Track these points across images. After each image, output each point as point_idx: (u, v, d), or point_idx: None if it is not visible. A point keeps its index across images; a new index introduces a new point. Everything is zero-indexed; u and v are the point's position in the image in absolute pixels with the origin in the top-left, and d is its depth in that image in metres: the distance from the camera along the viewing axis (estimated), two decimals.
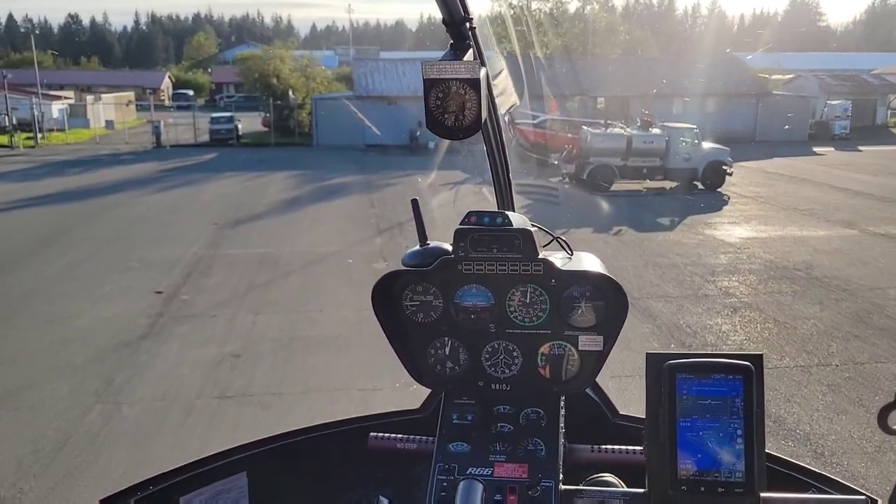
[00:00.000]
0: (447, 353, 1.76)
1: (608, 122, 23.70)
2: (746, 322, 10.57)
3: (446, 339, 1.76)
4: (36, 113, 35.11)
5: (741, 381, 1.31)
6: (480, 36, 1.48)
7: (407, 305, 1.78)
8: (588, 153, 22.67)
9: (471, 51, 1.40)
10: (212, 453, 1.73)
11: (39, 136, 35.49)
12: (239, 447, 1.77)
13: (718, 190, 22.75)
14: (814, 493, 1.53)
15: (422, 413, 1.90)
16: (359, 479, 1.84)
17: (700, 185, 23.15)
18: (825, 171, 27.63)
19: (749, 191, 22.92)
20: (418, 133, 35.44)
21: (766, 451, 1.35)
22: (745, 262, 14.17)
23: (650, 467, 1.36)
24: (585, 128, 23.66)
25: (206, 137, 37.68)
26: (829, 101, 40.42)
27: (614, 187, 22.70)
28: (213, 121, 37.83)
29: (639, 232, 16.94)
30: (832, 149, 35.62)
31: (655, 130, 23.12)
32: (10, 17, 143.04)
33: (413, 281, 1.76)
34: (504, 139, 1.86)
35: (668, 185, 23.66)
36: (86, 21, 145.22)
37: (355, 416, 1.91)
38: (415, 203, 1.96)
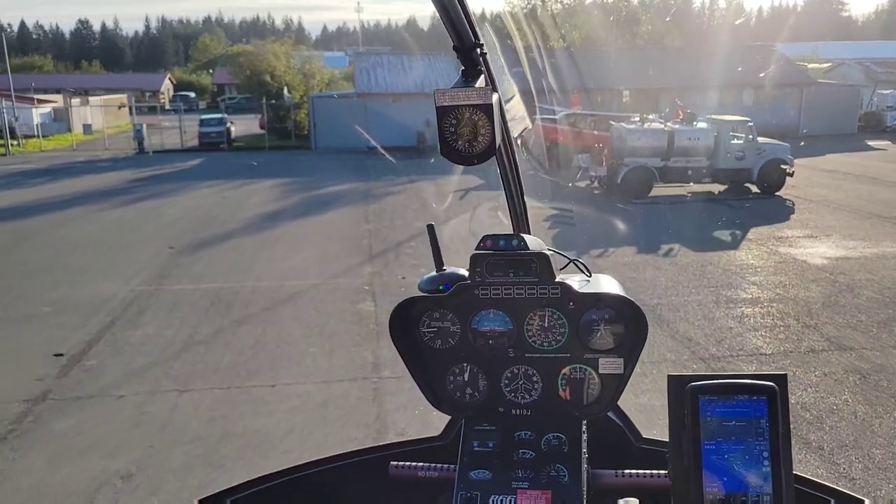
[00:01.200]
0: (466, 379, 1.72)
1: (644, 115, 20.26)
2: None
3: (465, 364, 1.72)
4: (7, 118, 32.18)
5: (765, 401, 1.27)
6: (491, 61, 1.44)
7: (424, 332, 1.72)
8: (622, 153, 19.27)
9: (482, 76, 1.34)
10: (227, 487, 1.67)
11: (13, 143, 32.58)
12: (259, 479, 1.71)
13: (777, 194, 19.28)
14: None
15: (442, 440, 1.84)
16: None
17: (754, 189, 19.70)
18: (893, 169, 24.02)
19: (814, 194, 19.40)
20: (426, 133, 32.20)
21: (794, 472, 1.30)
22: (846, 293, 10.74)
23: (676, 491, 1.31)
24: (618, 123, 20.24)
25: (196, 142, 34.61)
26: (878, 91, 36.65)
27: (652, 192, 19.29)
28: (203, 123, 34.79)
29: (695, 251, 13.54)
30: (889, 142, 31.92)
31: (701, 124, 19.68)
32: (23, 24, 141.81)
33: (430, 307, 1.70)
34: (518, 163, 1.77)
35: (715, 188, 20.21)
36: (96, 27, 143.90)
37: (375, 444, 1.85)
38: (430, 228, 1.78)
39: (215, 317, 10.10)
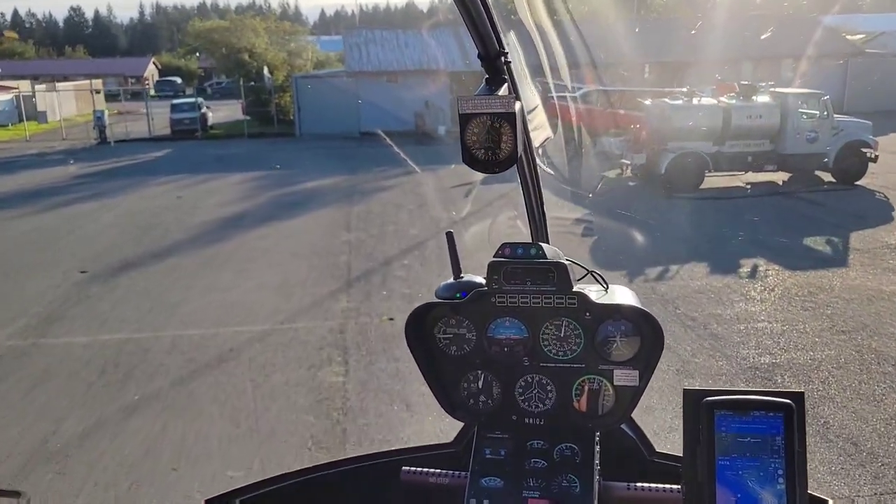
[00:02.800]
0: (480, 386, 1.70)
1: (692, 89, 16.50)
2: None
3: (479, 372, 1.69)
4: None
5: (781, 419, 1.26)
6: (515, 70, 1.45)
7: (440, 338, 1.70)
8: (665, 136, 15.59)
9: (505, 85, 1.34)
10: (240, 486, 1.69)
11: None
12: (271, 479, 1.72)
13: (858, 184, 15.60)
14: None
15: (454, 447, 1.84)
16: None
17: (826, 178, 16.03)
18: None
19: None
20: (426, 116, 28.51)
21: (809, 491, 1.27)
22: None
23: None
24: (658, 100, 16.53)
25: (170, 130, 30.93)
26: None
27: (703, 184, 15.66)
28: (174, 109, 31.05)
29: (790, 269, 9.93)
30: None
31: (762, 99, 15.96)
32: (15, 12, 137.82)
33: (446, 313, 1.68)
34: (539, 172, 1.78)
35: (778, 178, 16.54)
36: (89, 14, 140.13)
37: (387, 449, 1.85)
38: (449, 236, 1.78)
39: (98, 399, 6.55)
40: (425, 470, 1.67)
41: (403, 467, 1.69)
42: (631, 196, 15.73)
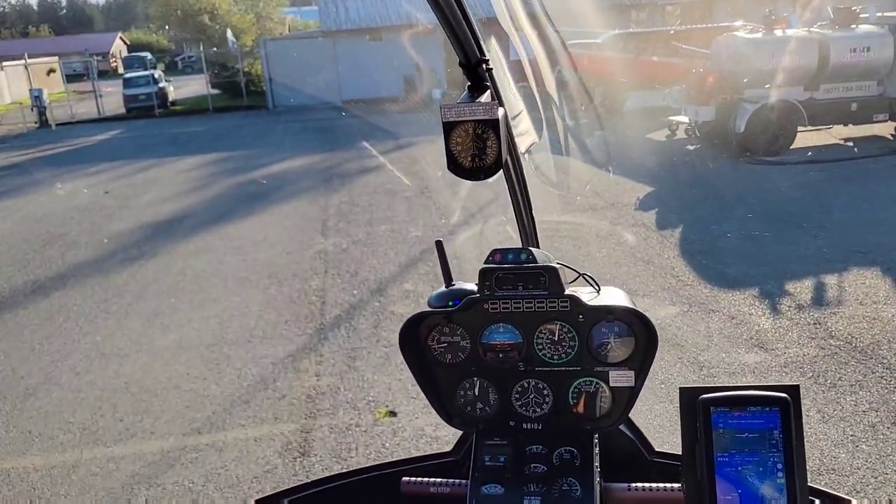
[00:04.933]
0: (476, 393, 1.67)
1: (770, 16, 12.53)
2: None
3: (475, 379, 1.66)
4: None
5: (778, 412, 1.25)
6: (497, 76, 1.43)
7: (434, 347, 1.67)
8: (740, 82, 11.79)
9: (488, 91, 1.33)
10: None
11: None
12: (273, 496, 1.67)
13: None
14: None
15: (454, 456, 1.80)
16: None
17: None
18: None
19: None
20: (416, 78, 24.54)
21: (809, 484, 1.27)
22: None
23: None
24: (735, 34, 12.64)
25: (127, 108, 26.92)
26: None
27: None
28: (128, 83, 26.98)
29: None
30: None
31: (866, 27, 12.12)
32: None
33: (439, 322, 1.65)
34: (525, 177, 1.75)
35: (885, 130, 12.76)
36: None
37: (386, 461, 1.81)
38: (439, 245, 1.75)
39: None
40: (425, 480, 1.64)
41: (403, 478, 1.65)
42: (701, 164, 11.94)
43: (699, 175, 10.93)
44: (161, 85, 27.65)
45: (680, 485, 1.37)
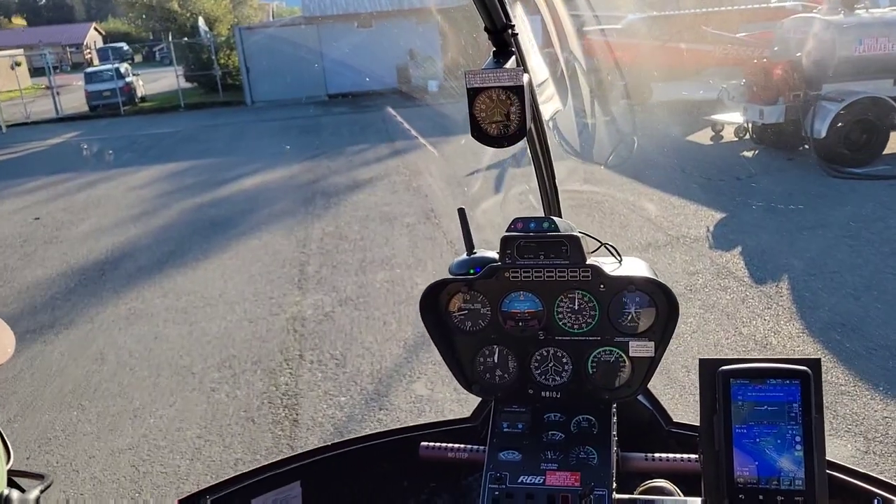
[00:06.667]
0: (496, 360, 1.69)
1: None
2: None
3: (495, 346, 1.68)
4: None
5: (798, 385, 1.23)
6: (522, 43, 1.42)
7: (454, 314, 1.68)
8: (815, 76, 9.54)
9: (513, 58, 1.31)
10: (265, 463, 1.69)
11: None
12: (291, 457, 1.72)
13: None
14: (879, 502, 1.44)
15: (472, 422, 1.83)
16: (411, 489, 1.81)
17: None
18: None
19: None
20: (410, 68, 22.18)
21: (828, 458, 1.25)
22: None
23: (706, 475, 1.29)
24: (809, 16, 10.35)
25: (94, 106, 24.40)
26: None
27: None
28: (90, 78, 24.41)
29: None
30: None
31: None
32: None
33: (460, 289, 1.66)
34: (549, 145, 1.73)
35: None
36: None
37: (405, 425, 1.82)
38: (461, 212, 1.74)
39: None
40: (444, 445, 1.66)
41: (422, 443, 1.67)
42: (772, 178, 9.63)
43: (777, 194, 8.67)
44: (128, 79, 25.09)
45: (697, 456, 1.33)
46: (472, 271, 1.63)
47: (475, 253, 1.69)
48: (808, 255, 6.64)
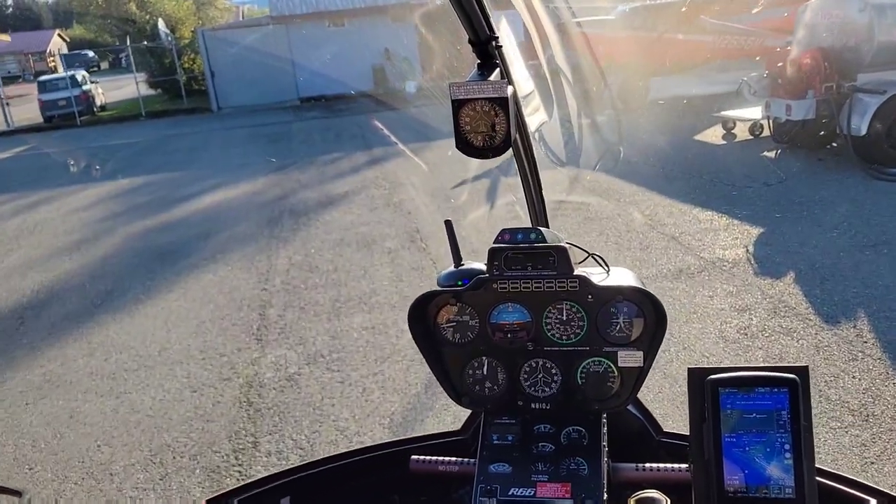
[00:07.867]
0: (485, 372, 1.65)
1: None
2: None
3: (484, 358, 1.64)
4: None
5: (786, 393, 1.23)
6: (506, 54, 1.40)
7: (443, 326, 1.65)
8: (850, 65, 8.41)
9: (497, 70, 1.30)
10: (252, 480, 1.62)
11: None
12: (280, 473, 1.66)
13: None
14: None
15: (462, 434, 1.79)
16: (402, 503, 1.74)
17: None
18: None
19: None
20: (387, 68, 20.88)
21: (817, 465, 1.24)
22: None
23: (696, 484, 1.29)
24: None
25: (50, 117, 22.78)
26: None
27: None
28: (43, 87, 22.79)
29: None
30: None
31: None
32: None
33: (448, 301, 1.63)
34: (535, 156, 1.73)
35: None
36: None
37: (396, 439, 1.77)
38: (448, 224, 1.71)
39: None
40: (434, 458, 1.62)
41: (412, 456, 1.64)
42: (805, 183, 8.45)
43: (817, 203, 7.48)
44: (85, 87, 23.49)
45: (688, 465, 1.34)
46: (459, 283, 1.60)
47: (463, 265, 1.67)
48: (881, 283, 5.43)
